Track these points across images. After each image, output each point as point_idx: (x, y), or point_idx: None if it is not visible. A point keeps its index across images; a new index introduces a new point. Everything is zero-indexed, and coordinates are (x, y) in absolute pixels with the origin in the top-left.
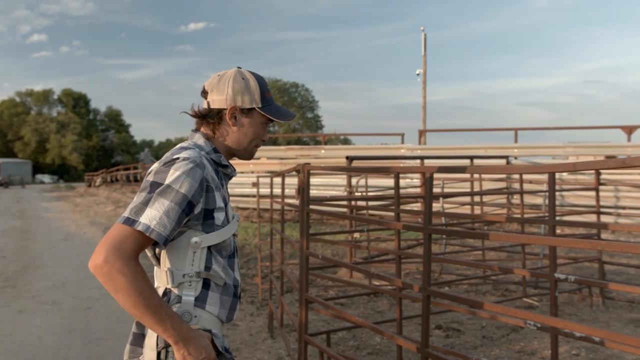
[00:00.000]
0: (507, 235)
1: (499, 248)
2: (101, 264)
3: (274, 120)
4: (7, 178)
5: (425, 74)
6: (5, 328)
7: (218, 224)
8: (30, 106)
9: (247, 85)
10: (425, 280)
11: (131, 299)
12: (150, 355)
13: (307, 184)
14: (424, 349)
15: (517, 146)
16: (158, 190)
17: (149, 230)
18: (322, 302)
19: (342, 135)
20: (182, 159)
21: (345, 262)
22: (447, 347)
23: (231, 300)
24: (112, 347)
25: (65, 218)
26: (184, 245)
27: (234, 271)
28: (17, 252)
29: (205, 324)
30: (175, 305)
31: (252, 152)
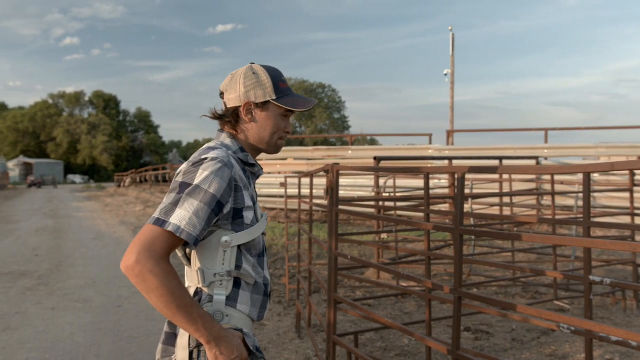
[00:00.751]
0: (542, 237)
1: (529, 250)
2: (133, 265)
3: (292, 110)
4: (40, 178)
5: (453, 74)
6: (38, 325)
7: (247, 222)
8: (62, 108)
9: (258, 79)
10: (457, 281)
11: (163, 299)
12: (182, 354)
13: (337, 184)
14: (455, 351)
15: (547, 147)
16: (187, 191)
17: (179, 231)
18: (351, 303)
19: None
20: (211, 159)
21: (375, 263)
22: (477, 349)
23: (262, 298)
24: (141, 345)
25: (96, 218)
26: (214, 244)
27: (264, 270)
28: (50, 250)
29: (237, 322)
30: (207, 304)
31: (277, 146)
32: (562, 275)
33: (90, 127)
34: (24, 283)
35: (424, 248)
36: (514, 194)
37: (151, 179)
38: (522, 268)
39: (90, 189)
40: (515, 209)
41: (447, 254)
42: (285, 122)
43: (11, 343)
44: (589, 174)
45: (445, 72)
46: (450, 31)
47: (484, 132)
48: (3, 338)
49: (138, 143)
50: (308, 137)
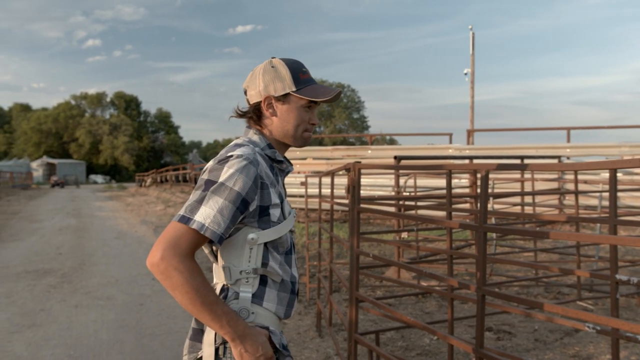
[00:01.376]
0: (568, 234)
1: (552, 250)
2: (158, 262)
3: (313, 100)
4: (62, 178)
5: (474, 73)
6: (63, 322)
7: (274, 220)
8: (84, 109)
9: (277, 72)
10: (481, 280)
11: (188, 296)
12: (208, 350)
13: (358, 183)
14: (479, 350)
15: (570, 146)
16: (212, 188)
17: (204, 229)
18: (372, 301)
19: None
20: (236, 156)
21: (397, 261)
22: (499, 349)
23: (288, 296)
24: (163, 343)
25: (118, 217)
26: (241, 241)
27: (291, 267)
28: (73, 249)
29: (263, 320)
30: (233, 301)
31: (303, 138)
32: (589, 274)
33: (112, 127)
34: (48, 281)
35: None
36: (536, 193)
37: (171, 178)
38: (546, 267)
39: (111, 188)
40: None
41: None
42: (310, 114)
43: (36, 339)
44: (615, 171)
45: (465, 71)
46: (470, 30)
47: (504, 131)
48: (28, 334)
49: (158, 143)
50: (327, 136)
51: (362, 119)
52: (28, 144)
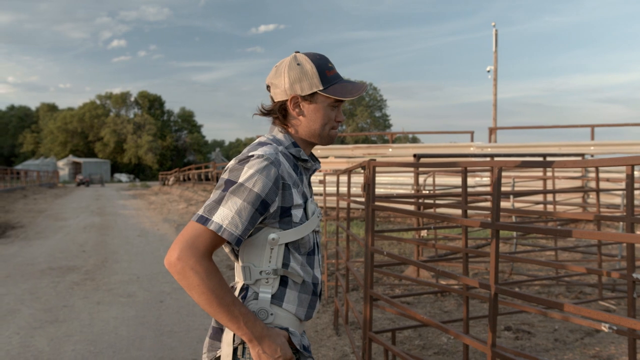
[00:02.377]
0: (580, 232)
1: (573, 249)
2: (175, 262)
3: (341, 99)
4: (88, 177)
5: (496, 70)
6: (84, 318)
7: (296, 221)
8: (109, 108)
9: (302, 70)
10: (493, 278)
11: (204, 297)
12: (227, 350)
13: (373, 180)
14: (492, 348)
15: (594, 143)
16: (231, 189)
17: (221, 230)
18: (387, 299)
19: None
20: (257, 156)
21: (412, 260)
22: (517, 349)
23: (310, 298)
24: (182, 340)
25: (141, 215)
26: (261, 242)
27: (314, 269)
28: (96, 247)
29: (282, 321)
30: (252, 301)
31: (329, 136)
32: (605, 272)
33: (136, 126)
34: (72, 277)
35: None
36: (556, 192)
37: (194, 177)
38: (563, 265)
39: (135, 187)
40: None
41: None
42: (336, 112)
43: (59, 335)
44: (632, 168)
45: (488, 69)
46: (493, 27)
47: (527, 129)
48: (51, 330)
49: (182, 142)
50: (349, 135)
51: (384, 117)
52: (54, 143)
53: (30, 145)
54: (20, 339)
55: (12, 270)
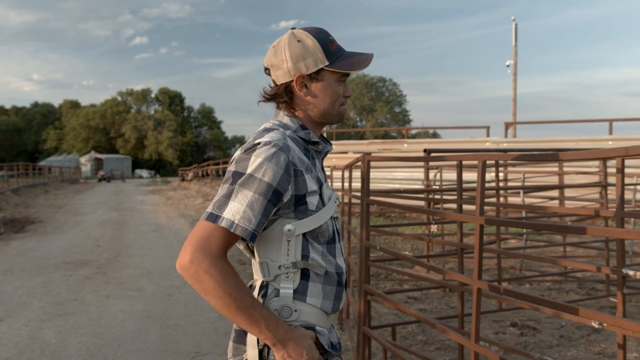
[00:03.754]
0: (567, 227)
1: (581, 244)
2: (188, 266)
3: (348, 71)
4: (109, 173)
5: (516, 65)
6: (93, 311)
7: (312, 209)
8: (130, 105)
9: (304, 46)
10: (476, 273)
11: (221, 301)
12: (252, 353)
13: (367, 175)
14: (474, 344)
15: (612, 138)
16: (240, 181)
17: (233, 226)
18: (380, 294)
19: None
20: (264, 143)
21: (403, 254)
22: (520, 345)
23: (335, 289)
24: (187, 333)
25: (157, 210)
26: (277, 234)
27: (336, 257)
28: (111, 241)
29: (308, 317)
30: (274, 299)
31: (339, 113)
32: (595, 268)
33: (156, 123)
34: (84, 272)
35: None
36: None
37: (212, 173)
38: (555, 261)
39: (155, 183)
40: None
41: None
42: (343, 87)
43: (66, 327)
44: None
45: (507, 63)
46: (513, 21)
47: (547, 123)
48: (59, 322)
49: (202, 138)
50: (368, 130)
51: (404, 112)
52: (77, 140)
53: (53, 142)
54: (29, 331)
55: (27, 264)
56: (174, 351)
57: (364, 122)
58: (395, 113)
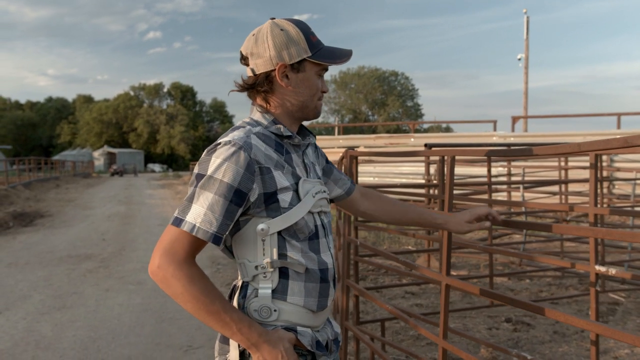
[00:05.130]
0: (541, 224)
1: (581, 239)
2: (156, 271)
3: (331, 64)
4: (121, 167)
5: (527, 58)
6: (91, 305)
7: (284, 206)
8: (142, 99)
9: (288, 35)
10: (445, 269)
11: (189, 305)
12: (234, 353)
13: (350, 169)
14: (442, 340)
15: (620, 132)
16: (201, 183)
17: (195, 229)
18: (359, 289)
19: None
20: (224, 143)
21: (383, 250)
22: (512, 341)
23: (319, 286)
24: (181, 327)
25: (165, 204)
26: (251, 234)
27: (320, 253)
28: (117, 235)
29: (290, 317)
30: (253, 299)
31: (317, 108)
32: (570, 264)
33: (169, 117)
34: (87, 265)
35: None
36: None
37: None
38: (531, 257)
39: (167, 177)
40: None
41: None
42: (321, 81)
43: (63, 320)
44: (597, 156)
45: (519, 56)
46: (524, 14)
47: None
48: (57, 315)
49: (213, 133)
50: (380, 124)
51: (416, 106)
52: (90, 134)
53: (67, 136)
54: (26, 324)
55: (32, 258)
56: (167, 345)
57: (376, 116)
58: (407, 107)
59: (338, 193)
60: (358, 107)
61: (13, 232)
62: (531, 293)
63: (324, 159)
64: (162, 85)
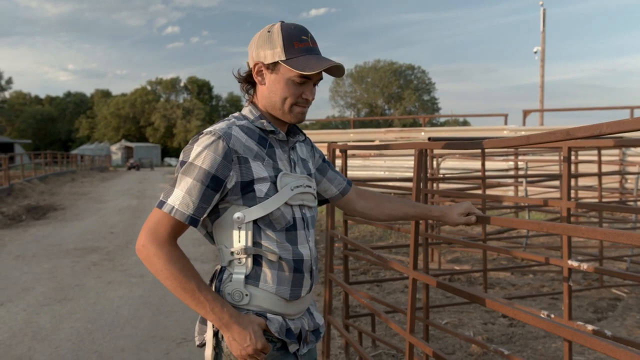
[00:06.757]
0: (506, 220)
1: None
2: (140, 249)
3: (299, 72)
4: (138, 161)
5: (544, 51)
6: (92, 297)
7: (260, 196)
8: (159, 94)
9: (269, 37)
10: (412, 264)
11: (168, 282)
12: (210, 333)
13: (333, 162)
14: (409, 335)
15: None
16: (182, 169)
17: (173, 211)
18: (340, 282)
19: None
20: (205, 133)
21: (362, 245)
22: (506, 336)
23: (292, 275)
24: (178, 319)
25: None
26: (229, 221)
27: (297, 245)
28: (125, 228)
29: (261, 302)
30: (228, 283)
31: (293, 114)
32: (544, 259)
33: (185, 111)
34: (92, 258)
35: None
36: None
37: None
38: (509, 252)
39: None
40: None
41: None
42: (303, 88)
43: (62, 312)
44: (570, 150)
45: (535, 49)
46: (541, 6)
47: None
48: (57, 307)
49: None
50: (396, 118)
51: (433, 100)
52: (108, 129)
53: (85, 131)
54: (25, 316)
55: (39, 251)
56: (162, 337)
57: (392, 110)
58: (423, 101)
59: (333, 192)
60: (374, 101)
61: (25, 225)
62: (532, 288)
63: (321, 158)
64: (179, 79)
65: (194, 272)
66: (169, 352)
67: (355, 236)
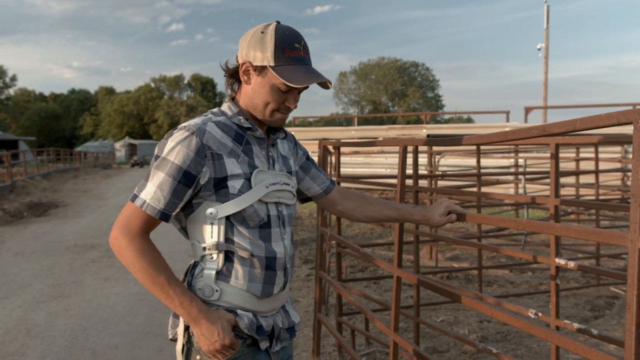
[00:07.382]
0: (487, 218)
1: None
2: (112, 241)
3: (284, 82)
4: (141, 158)
5: (547, 48)
6: (88, 294)
7: (233, 192)
8: (163, 91)
9: (262, 39)
10: (396, 262)
11: (139, 274)
12: (181, 327)
13: (324, 159)
14: (392, 333)
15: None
16: (155, 164)
17: (145, 205)
18: (329, 280)
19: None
20: (179, 128)
21: (350, 243)
22: (501, 334)
23: (264, 273)
24: None
25: None
26: (202, 217)
27: (270, 242)
28: None
29: (231, 298)
30: (199, 279)
31: (272, 119)
32: (531, 257)
33: (189, 109)
34: (91, 255)
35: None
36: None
37: None
38: (497, 249)
39: None
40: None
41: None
42: (287, 96)
43: (58, 309)
44: (557, 147)
45: (538, 46)
46: (545, 3)
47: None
48: (53, 304)
49: None
50: (400, 115)
51: (437, 97)
52: (112, 126)
53: (89, 128)
54: (21, 312)
55: (39, 247)
56: (156, 334)
57: (396, 107)
58: (427, 98)
59: (316, 191)
60: (378, 98)
61: (25, 222)
62: (530, 286)
63: (305, 156)
64: (183, 77)
65: (165, 266)
66: (162, 349)
67: (355, 233)
